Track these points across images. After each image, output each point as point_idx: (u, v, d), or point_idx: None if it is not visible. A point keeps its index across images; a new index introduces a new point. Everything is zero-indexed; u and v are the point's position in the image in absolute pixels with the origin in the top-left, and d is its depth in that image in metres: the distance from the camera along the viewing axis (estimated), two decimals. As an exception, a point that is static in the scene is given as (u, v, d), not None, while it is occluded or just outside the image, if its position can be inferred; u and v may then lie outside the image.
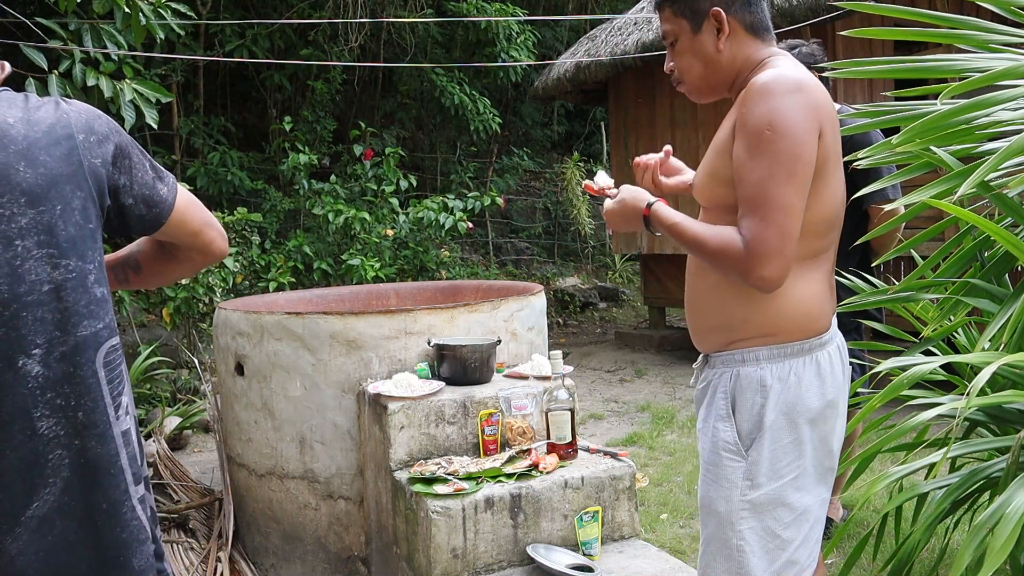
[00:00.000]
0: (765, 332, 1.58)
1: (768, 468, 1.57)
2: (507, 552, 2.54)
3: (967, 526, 2.37)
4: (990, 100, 2.00)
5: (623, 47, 7.44)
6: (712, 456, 1.63)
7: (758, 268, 1.47)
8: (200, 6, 7.99)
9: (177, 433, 5.03)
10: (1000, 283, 2.24)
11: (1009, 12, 2.25)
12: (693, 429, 5.03)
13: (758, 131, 1.48)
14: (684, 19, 1.66)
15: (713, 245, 1.53)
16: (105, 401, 1.23)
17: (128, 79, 4.19)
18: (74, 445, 1.19)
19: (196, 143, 8.68)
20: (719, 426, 1.61)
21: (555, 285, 10.49)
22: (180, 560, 3.20)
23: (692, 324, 1.74)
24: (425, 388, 2.83)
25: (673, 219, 1.63)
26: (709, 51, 1.64)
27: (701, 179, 1.67)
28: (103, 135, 1.27)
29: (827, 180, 1.55)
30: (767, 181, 1.47)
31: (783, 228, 1.47)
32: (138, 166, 1.32)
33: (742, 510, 1.58)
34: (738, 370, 1.60)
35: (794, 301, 1.58)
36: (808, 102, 1.50)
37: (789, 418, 1.56)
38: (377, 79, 10.30)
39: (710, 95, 1.73)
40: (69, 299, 1.20)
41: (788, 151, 1.47)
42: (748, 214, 1.49)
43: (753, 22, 1.65)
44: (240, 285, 6.76)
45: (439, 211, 7.52)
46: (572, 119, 13.22)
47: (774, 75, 1.53)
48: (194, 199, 1.43)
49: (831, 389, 1.61)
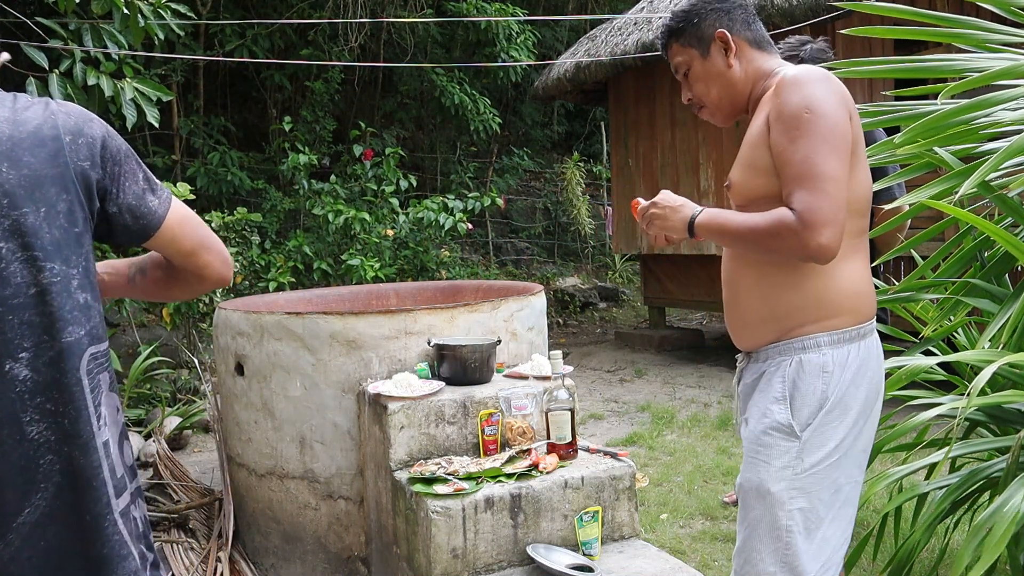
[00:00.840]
0: (820, 317, 1.63)
1: (819, 449, 1.61)
2: (507, 552, 2.54)
3: (967, 526, 2.37)
4: (990, 100, 2.00)
5: (623, 47, 7.44)
6: (763, 438, 1.65)
7: (815, 236, 1.50)
8: (200, 6, 8.00)
9: (177, 433, 5.03)
10: (1000, 283, 2.25)
11: (1009, 12, 2.26)
12: (693, 429, 5.03)
13: (796, 114, 1.55)
14: (692, 48, 1.76)
15: (766, 225, 1.56)
16: (88, 411, 1.20)
17: (128, 78, 4.19)
18: (63, 451, 1.17)
19: (196, 143, 8.69)
20: (773, 408, 1.64)
21: (555, 285, 10.50)
22: (180, 560, 3.20)
23: (737, 321, 1.77)
24: (425, 388, 2.83)
25: (720, 216, 1.67)
26: (721, 69, 1.74)
27: (739, 175, 1.70)
28: (93, 138, 1.24)
29: (859, 161, 1.63)
30: (813, 156, 1.53)
31: (834, 196, 1.51)
32: (129, 175, 1.28)
33: (793, 488, 1.61)
34: (799, 357, 1.63)
35: (843, 282, 1.63)
36: (836, 89, 1.59)
37: (844, 402, 1.61)
38: (377, 79, 10.30)
39: (732, 114, 1.80)
40: (54, 303, 1.17)
41: (829, 128, 1.54)
42: (797, 188, 1.53)
43: (756, 38, 1.76)
44: (240, 285, 6.75)
45: (439, 211, 7.53)
46: (572, 119, 13.22)
47: (801, 68, 1.62)
48: (193, 218, 1.37)
49: (879, 374, 1.68)
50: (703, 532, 3.41)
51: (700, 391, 6.00)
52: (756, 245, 1.62)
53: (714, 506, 3.68)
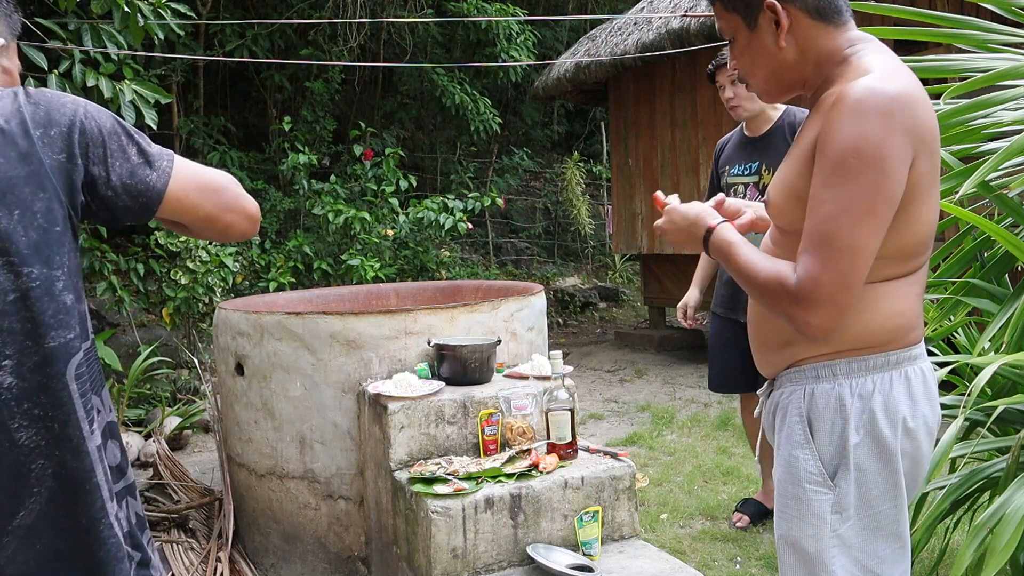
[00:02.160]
0: (846, 346, 1.39)
1: (858, 497, 1.38)
2: (507, 552, 2.54)
3: (967, 526, 2.37)
4: (990, 100, 2.01)
5: (623, 47, 7.44)
6: (793, 489, 1.44)
7: (804, 312, 1.30)
8: (200, 6, 7.99)
9: (177, 433, 5.03)
10: (1000, 283, 2.25)
11: (1009, 12, 2.26)
12: (693, 429, 5.03)
13: (841, 158, 1.27)
14: (737, 14, 1.44)
15: (763, 278, 1.36)
16: (78, 415, 1.17)
17: (128, 80, 4.19)
18: (55, 456, 1.15)
19: (196, 143, 8.68)
20: (798, 455, 1.42)
21: (555, 285, 10.50)
22: (180, 560, 3.19)
23: (757, 344, 1.56)
24: (425, 388, 2.83)
25: (730, 239, 1.45)
26: (770, 49, 1.42)
27: (778, 197, 1.45)
28: (66, 126, 1.16)
29: (921, 201, 1.34)
30: (840, 216, 1.27)
31: (844, 274, 1.28)
32: (116, 153, 1.20)
33: (832, 547, 1.39)
34: (812, 388, 1.41)
35: (883, 316, 1.38)
36: (906, 123, 1.27)
37: (875, 439, 1.37)
38: (377, 79, 10.30)
39: (783, 95, 1.51)
40: (36, 308, 1.13)
41: (872, 185, 1.26)
42: (808, 249, 1.30)
43: (819, 6, 1.39)
44: (240, 285, 6.76)
45: (439, 211, 7.53)
46: (572, 119, 13.22)
47: (869, 87, 1.28)
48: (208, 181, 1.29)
49: (926, 409, 1.41)
50: (703, 532, 3.41)
51: (700, 391, 6.00)
52: (751, 291, 1.42)
53: (714, 506, 3.68)
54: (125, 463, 1.30)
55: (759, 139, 3.33)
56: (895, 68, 1.34)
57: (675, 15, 6.81)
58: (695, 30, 6.57)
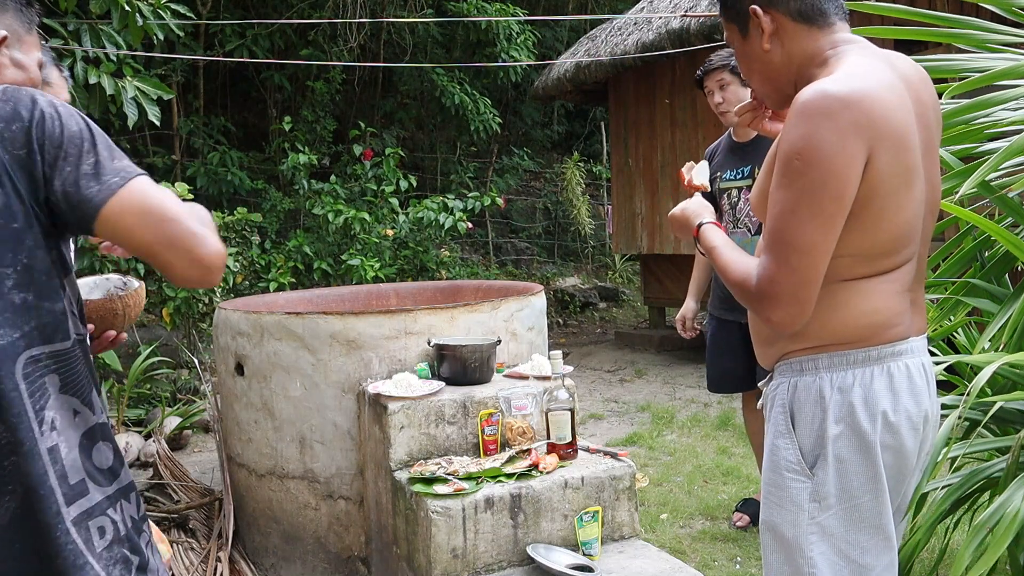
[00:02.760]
0: (824, 341, 1.43)
1: (839, 488, 1.41)
2: (507, 552, 2.54)
3: (967, 526, 2.37)
4: (990, 100, 2.01)
5: (623, 47, 7.44)
6: (774, 477, 1.49)
7: (766, 309, 1.37)
8: (200, 6, 8.00)
9: (177, 433, 5.03)
10: (1000, 283, 2.25)
11: (1009, 12, 2.26)
12: (693, 429, 5.03)
13: (787, 160, 1.33)
14: (733, 23, 1.51)
15: (735, 276, 1.43)
16: (28, 416, 1.12)
17: (129, 77, 4.19)
18: (12, 459, 1.12)
19: (196, 143, 8.69)
20: (779, 443, 1.47)
21: (555, 285, 10.50)
22: (180, 560, 3.20)
23: (754, 338, 1.61)
24: (425, 388, 2.83)
25: (712, 242, 1.53)
26: (758, 53, 1.48)
27: (756, 199, 1.52)
28: (28, 121, 1.13)
29: (888, 199, 1.35)
30: (788, 217, 1.33)
31: (798, 271, 1.33)
32: (70, 159, 1.13)
33: (811, 534, 1.43)
34: (796, 380, 1.46)
35: (857, 313, 1.41)
36: (857, 121, 1.29)
37: (855, 431, 1.39)
38: (377, 79, 10.30)
39: (781, 98, 1.53)
40: None
41: (815, 185, 1.30)
42: (765, 250, 1.38)
43: (801, 8, 1.43)
44: (240, 285, 6.76)
45: (439, 211, 7.53)
46: (572, 119, 13.22)
47: (817, 89, 1.32)
48: (148, 206, 1.15)
49: (909, 404, 1.42)
50: (703, 532, 3.41)
51: (700, 391, 6.00)
52: (730, 290, 1.47)
53: (714, 506, 3.68)
54: (119, 465, 1.26)
55: (748, 144, 3.33)
56: (862, 70, 1.35)
57: (675, 15, 6.81)
58: (695, 30, 6.57)
